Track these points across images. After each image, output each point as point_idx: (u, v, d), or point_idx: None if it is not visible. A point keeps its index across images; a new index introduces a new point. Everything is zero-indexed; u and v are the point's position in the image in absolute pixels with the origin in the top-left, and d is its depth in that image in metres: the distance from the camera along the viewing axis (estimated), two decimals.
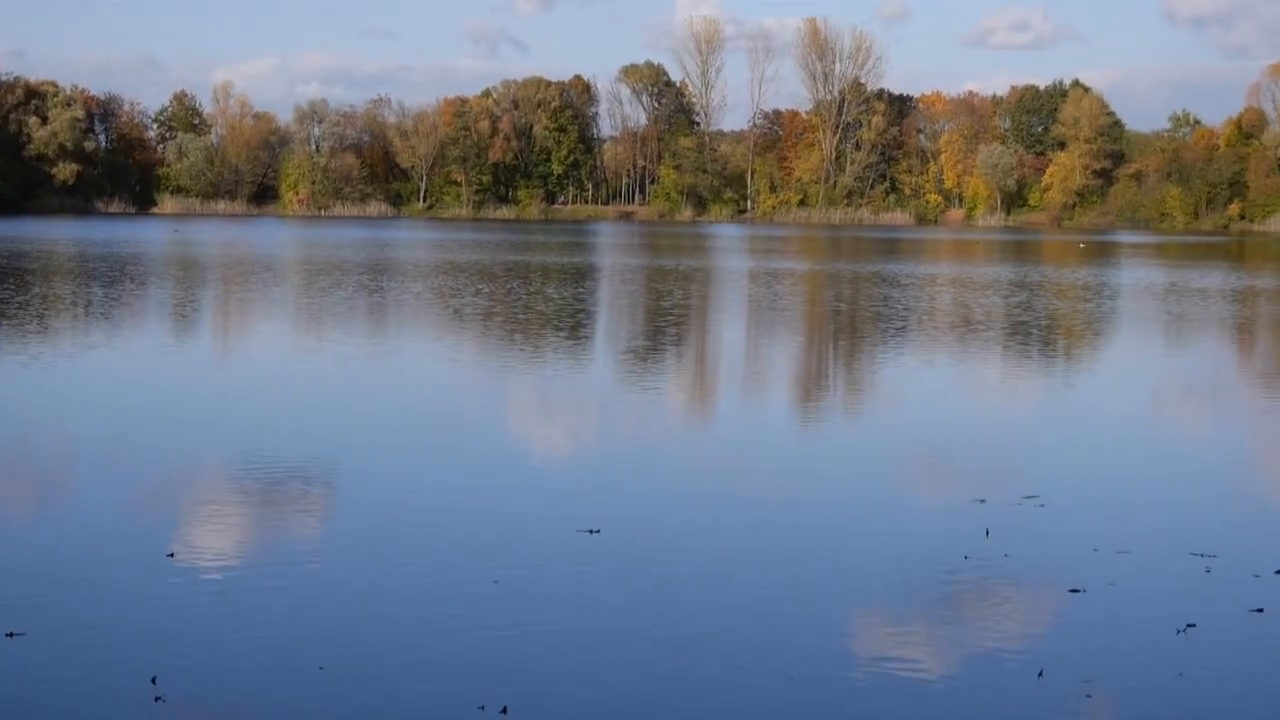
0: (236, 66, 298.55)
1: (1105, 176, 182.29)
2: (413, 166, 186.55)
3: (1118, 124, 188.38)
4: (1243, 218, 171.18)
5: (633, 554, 14.48)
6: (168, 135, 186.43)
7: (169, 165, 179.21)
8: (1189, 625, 12.28)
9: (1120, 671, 11.23)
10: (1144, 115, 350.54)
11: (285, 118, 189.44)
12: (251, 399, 25.40)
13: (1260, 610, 12.75)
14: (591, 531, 15.21)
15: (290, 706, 10.44)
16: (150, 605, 12.58)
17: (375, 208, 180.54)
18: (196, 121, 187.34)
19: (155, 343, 34.04)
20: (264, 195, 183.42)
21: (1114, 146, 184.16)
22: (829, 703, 10.59)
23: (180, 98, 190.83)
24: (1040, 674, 11.11)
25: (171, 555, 14.13)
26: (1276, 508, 17.78)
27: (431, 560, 14.19)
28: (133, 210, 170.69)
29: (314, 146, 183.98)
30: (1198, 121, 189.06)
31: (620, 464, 19.70)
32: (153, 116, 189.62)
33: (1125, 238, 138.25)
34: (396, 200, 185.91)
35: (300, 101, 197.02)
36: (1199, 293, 56.38)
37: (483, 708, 10.36)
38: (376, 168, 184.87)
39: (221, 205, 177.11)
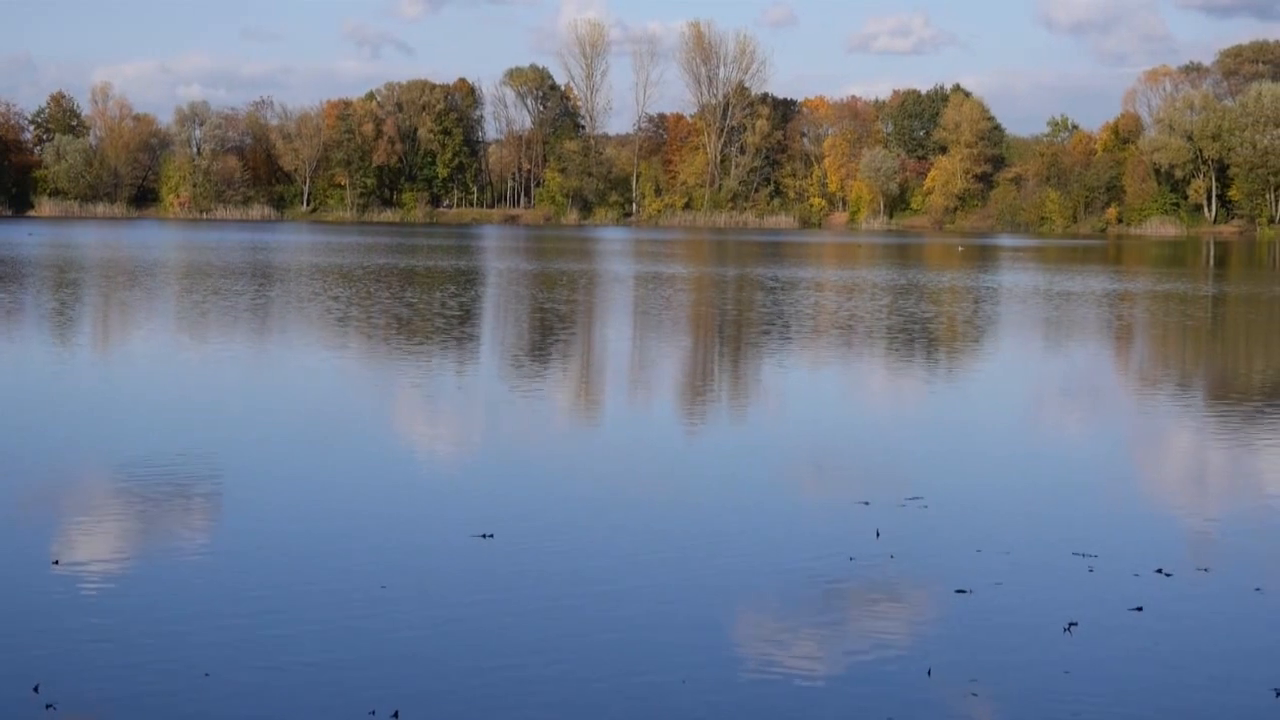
0: (116, 68, 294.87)
1: (986, 180, 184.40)
2: (296, 169, 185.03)
3: (998, 128, 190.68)
4: (1120, 221, 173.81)
5: (524, 558, 14.47)
6: (45, 137, 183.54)
7: (47, 167, 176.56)
8: (1072, 624, 12.46)
9: (1007, 670, 11.38)
10: (1023, 120, 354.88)
11: (166, 120, 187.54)
12: (128, 403, 25.08)
13: (1140, 609, 12.95)
14: (485, 536, 15.18)
15: (176, 713, 10.34)
16: (35, 613, 12.41)
17: (258, 210, 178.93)
18: (74, 123, 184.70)
19: (20, 349, 33.53)
20: (144, 198, 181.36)
21: (994, 151, 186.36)
22: (720, 704, 10.64)
23: (58, 99, 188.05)
24: (929, 673, 11.23)
25: (56, 563, 13.95)
26: (1155, 508, 18.06)
27: (318, 566, 14.10)
28: (9, 213, 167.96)
29: (195, 149, 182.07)
30: (1076, 126, 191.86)
31: (510, 469, 19.66)
32: (29, 118, 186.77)
33: (1005, 241, 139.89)
34: (279, 203, 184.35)
35: (181, 103, 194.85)
36: (1077, 296, 57.17)
37: (373, 713, 10.31)
38: (259, 170, 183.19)
39: (101, 208, 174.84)
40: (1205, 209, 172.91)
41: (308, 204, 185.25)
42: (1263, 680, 11.21)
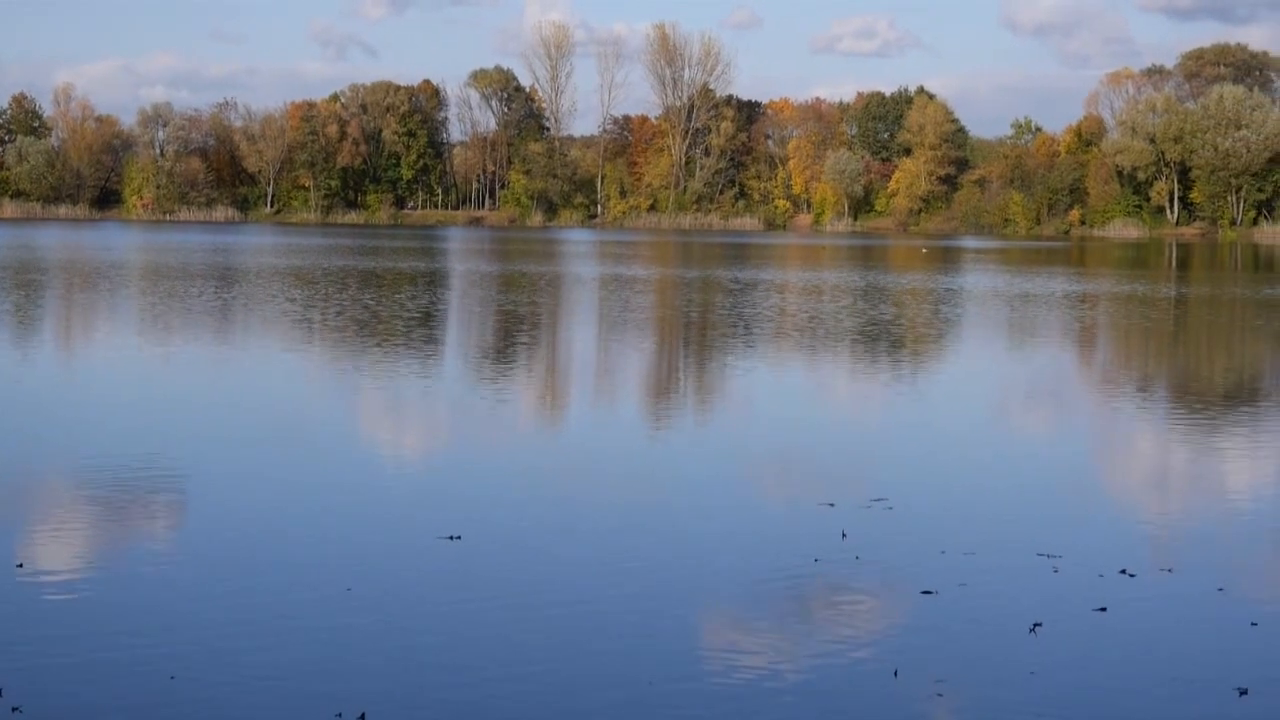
0: (79, 68, 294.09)
1: (950, 182, 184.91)
2: (260, 171, 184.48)
3: (961, 130, 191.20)
4: (1083, 223, 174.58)
5: (491, 560, 14.46)
6: (6, 138, 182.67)
7: (8, 169, 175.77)
8: (1037, 625, 12.51)
9: (973, 671, 11.43)
10: (987, 122, 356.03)
11: (129, 121, 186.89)
12: (86, 406, 24.99)
13: (1104, 609, 13.01)
14: (452, 538, 15.17)
15: (143, 715, 10.30)
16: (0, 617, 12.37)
17: (221, 212, 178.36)
18: (36, 124, 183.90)
19: None
20: (107, 199, 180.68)
21: (958, 153, 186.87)
22: (687, 706, 10.65)
23: (19, 100, 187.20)
24: (896, 674, 11.26)
25: (20, 565, 13.89)
26: (1119, 508, 18.14)
27: (283, 568, 14.06)
28: None
29: (158, 150, 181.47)
30: (1039, 129, 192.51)
31: (476, 471, 19.65)
32: None
33: (969, 243, 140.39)
34: (243, 205, 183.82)
35: (145, 105, 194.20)
36: (1040, 298, 57.39)
37: (340, 715, 10.29)
38: (223, 172, 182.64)
39: (63, 209, 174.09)
40: (1168, 211, 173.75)
41: (272, 206, 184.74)
42: (1226, 680, 11.27)
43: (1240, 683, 11.19)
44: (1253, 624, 12.67)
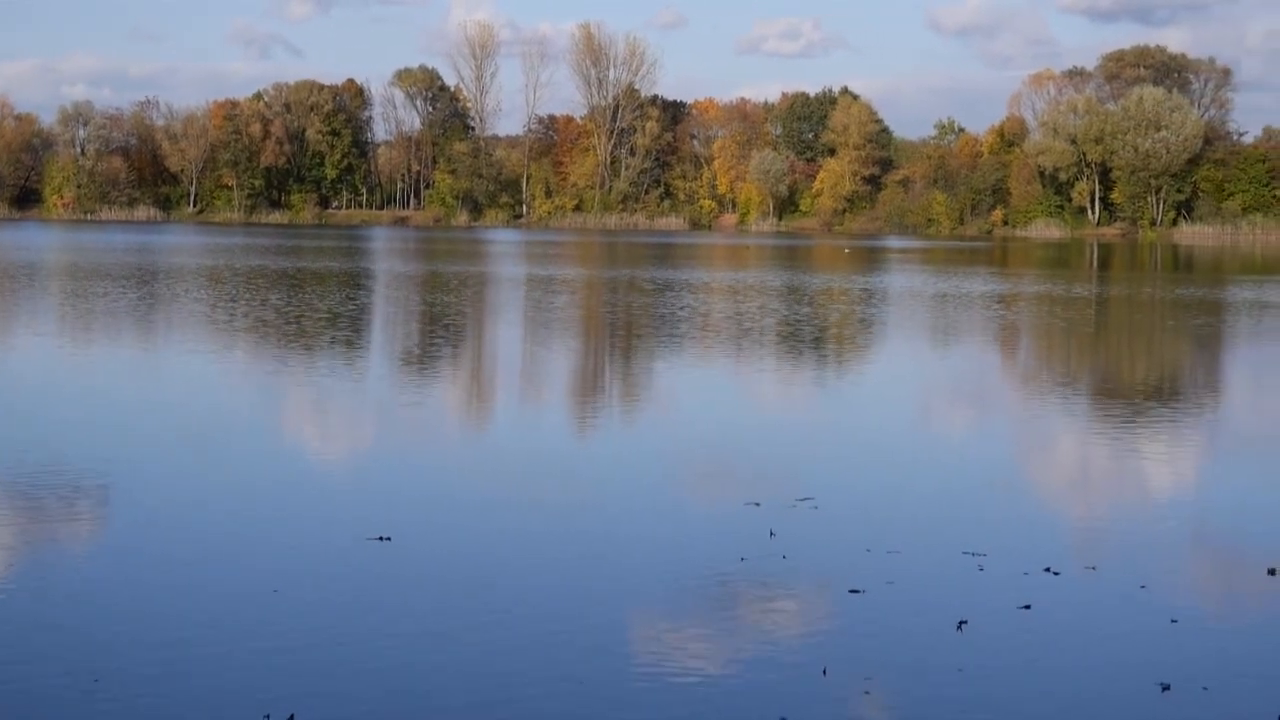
0: None
1: (874, 183, 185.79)
2: (182, 170, 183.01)
3: (885, 131, 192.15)
4: (1005, 223, 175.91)
5: (419, 560, 14.43)
6: None
7: None
8: (963, 622, 12.61)
9: (901, 668, 11.50)
10: (911, 123, 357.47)
11: (49, 120, 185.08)
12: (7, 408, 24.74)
13: (1028, 607, 13.13)
14: (381, 539, 15.13)
15: (66, 718, 10.25)
16: None
17: (144, 212, 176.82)
18: None
19: None
20: (27, 199, 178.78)
21: (882, 153, 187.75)
22: (615, 705, 10.67)
23: None
24: (824, 672, 11.32)
25: None
26: (1043, 507, 18.31)
27: (209, 569, 13.96)
28: None
29: (79, 149, 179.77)
30: (962, 129, 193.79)
31: (403, 472, 19.58)
32: None
33: (893, 242, 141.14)
34: (165, 204, 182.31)
35: (65, 103, 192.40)
36: (963, 297, 57.78)
37: (268, 716, 10.25)
38: (145, 171, 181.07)
39: None
40: (1089, 211, 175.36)
41: (194, 205, 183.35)
42: (1148, 675, 11.40)
43: (1162, 678, 11.32)
44: (1173, 621, 12.82)
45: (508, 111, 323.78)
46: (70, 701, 10.55)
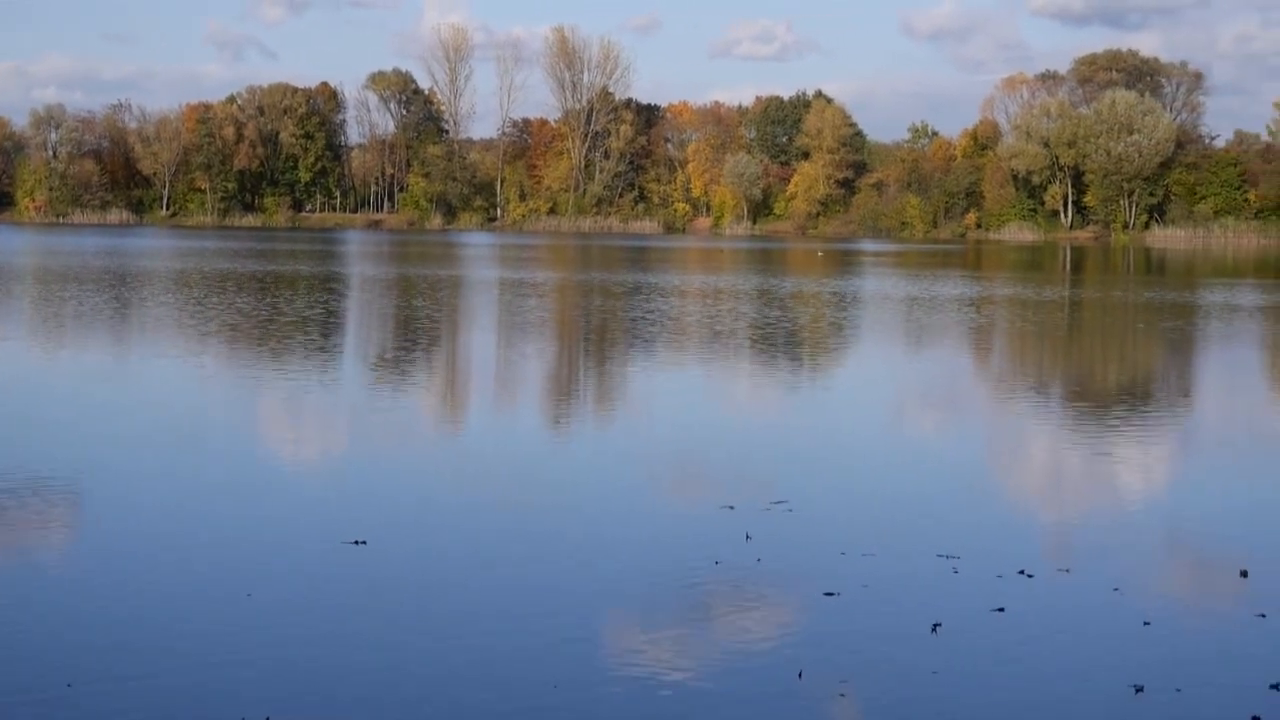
0: None
1: (848, 186, 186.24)
2: (155, 173, 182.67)
3: (859, 134, 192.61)
4: (979, 226, 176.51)
5: (395, 564, 14.41)
6: None
7: None
8: (937, 625, 12.64)
9: (876, 671, 11.53)
10: (884, 126, 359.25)
11: (21, 123, 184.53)
12: None
13: (1002, 609, 13.17)
14: (357, 542, 15.11)
15: None
16: None
17: (117, 215, 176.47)
18: None
19: None
20: None
21: (856, 157, 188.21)
22: (591, 708, 10.68)
23: None
24: (800, 675, 11.35)
25: None
26: (1016, 510, 18.36)
27: (183, 573, 13.91)
28: None
29: (51, 152, 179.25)
30: (935, 133, 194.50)
31: (379, 476, 19.54)
32: None
33: (867, 246, 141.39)
34: (138, 207, 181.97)
35: (37, 106, 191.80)
36: (937, 300, 57.90)
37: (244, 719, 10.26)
38: (117, 174, 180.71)
39: None
40: (1062, 215, 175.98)
41: (167, 208, 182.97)
42: (1121, 676, 11.45)
43: (1136, 680, 11.37)
44: (1146, 623, 12.87)
45: (482, 115, 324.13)
46: (43, 706, 10.52)
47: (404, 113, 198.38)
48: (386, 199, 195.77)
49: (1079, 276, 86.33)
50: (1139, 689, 11.22)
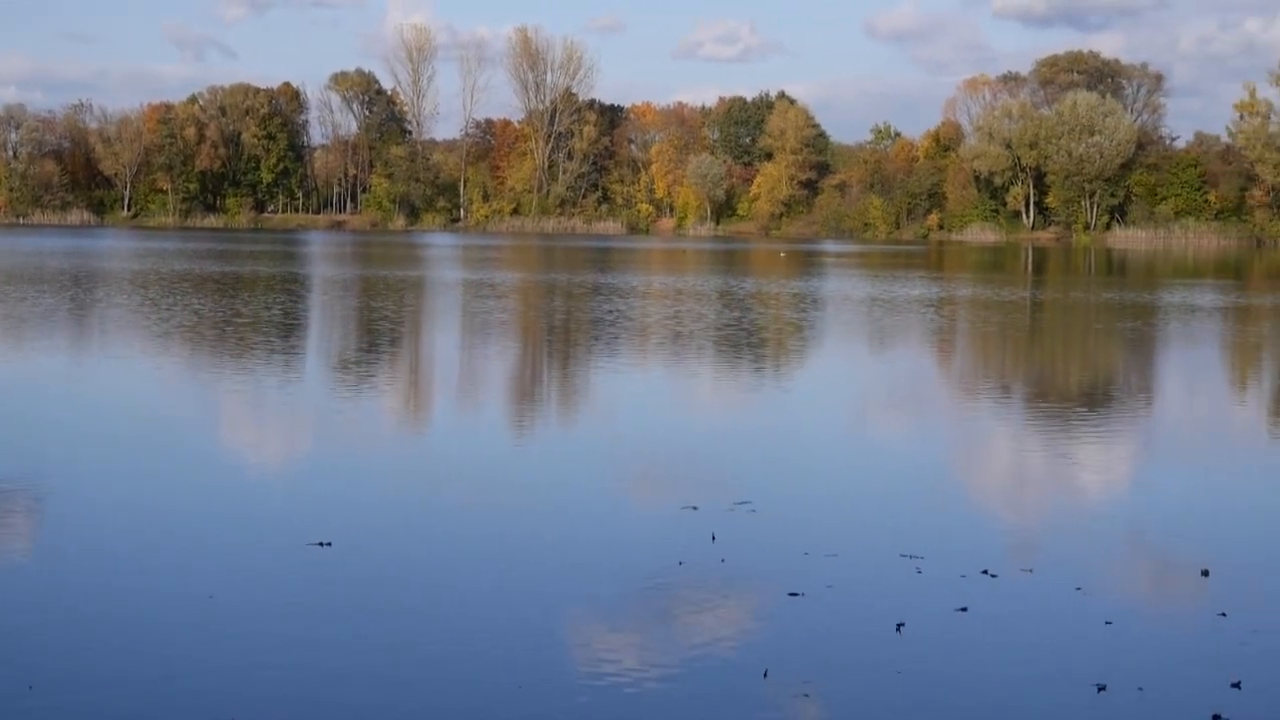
0: None
1: (811, 187, 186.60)
2: (116, 174, 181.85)
3: (822, 135, 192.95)
4: (941, 227, 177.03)
5: (359, 565, 14.38)
6: None
7: None
8: (901, 625, 12.68)
9: (840, 671, 11.56)
10: (848, 127, 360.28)
11: None
12: None
13: (965, 609, 13.22)
14: (322, 544, 15.07)
15: None
16: None
17: (77, 215, 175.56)
18: None
19: None
20: None
21: (819, 158, 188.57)
22: (555, 708, 10.67)
23: None
24: (765, 675, 11.37)
25: None
26: (979, 510, 18.43)
27: (144, 575, 13.85)
28: None
29: (11, 152, 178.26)
30: (898, 134, 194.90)
31: (342, 477, 19.50)
32: None
33: (830, 246, 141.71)
34: (99, 208, 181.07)
35: None
36: (899, 302, 58.05)
37: None
38: (78, 175, 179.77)
39: None
40: (1024, 215, 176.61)
41: (129, 209, 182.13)
42: (1084, 676, 11.50)
43: (1098, 679, 11.42)
44: (1108, 622, 12.93)
45: (445, 115, 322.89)
46: (4, 706, 10.47)
47: (367, 113, 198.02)
48: (349, 200, 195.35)
49: (1040, 277, 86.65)
50: (1101, 688, 11.27)
